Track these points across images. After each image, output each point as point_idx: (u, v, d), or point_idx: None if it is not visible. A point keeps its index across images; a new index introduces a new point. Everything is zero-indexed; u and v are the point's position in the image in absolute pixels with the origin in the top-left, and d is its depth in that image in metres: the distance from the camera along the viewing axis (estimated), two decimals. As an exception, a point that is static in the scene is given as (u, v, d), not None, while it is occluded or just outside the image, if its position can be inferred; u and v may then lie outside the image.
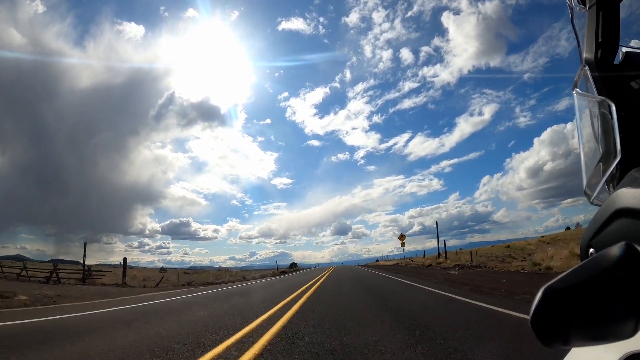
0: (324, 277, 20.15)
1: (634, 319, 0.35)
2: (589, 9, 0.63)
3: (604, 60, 0.62)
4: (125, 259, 22.49)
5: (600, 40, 0.62)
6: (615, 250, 0.36)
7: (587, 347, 0.47)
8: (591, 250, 0.51)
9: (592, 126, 0.64)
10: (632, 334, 0.35)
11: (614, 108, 0.56)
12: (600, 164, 0.60)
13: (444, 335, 3.99)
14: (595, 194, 0.61)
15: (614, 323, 0.35)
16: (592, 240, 0.51)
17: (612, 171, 0.56)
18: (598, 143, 0.61)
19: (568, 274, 0.38)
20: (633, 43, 0.63)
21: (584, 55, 0.64)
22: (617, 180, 0.55)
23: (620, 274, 0.35)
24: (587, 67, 0.63)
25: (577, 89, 0.66)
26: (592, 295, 0.36)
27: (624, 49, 0.62)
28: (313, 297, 9.14)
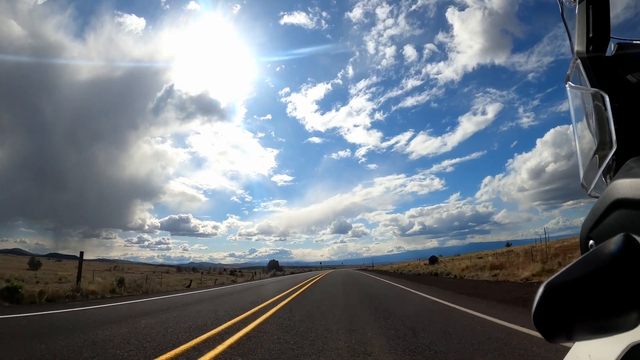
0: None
1: (636, 310, 0.34)
2: (579, 2, 0.63)
3: (596, 52, 0.62)
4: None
5: (591, 33, 0.62)
6: (615, 241, 0.36)
7: (591, 341, 0.47)
8: (591, 242, 0.51)
9: (586, 118, 0.64)
10: (635, 325, 0.35)
11: (607, 99, 0.56)
12: (596, 156, 0.60)
13: None
14: (592, 186, 0.61)
15: (616, 315, 0.35)
16: (591, 232, 0.50)
17: (608, 162, 0.56)
18: (593, 135, 0.61)
19: (569, 268, 0.38)
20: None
21: (576, 48, 0.64)
22: (613, 171, 0.55)
23: (621, 265, 0.35)
24: (579, 60, 0.63)
25: (570, 82, 0.66)
26: (593, 288, 0.36)
27: (615, 41, 0.62)
28: None
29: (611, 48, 0.63)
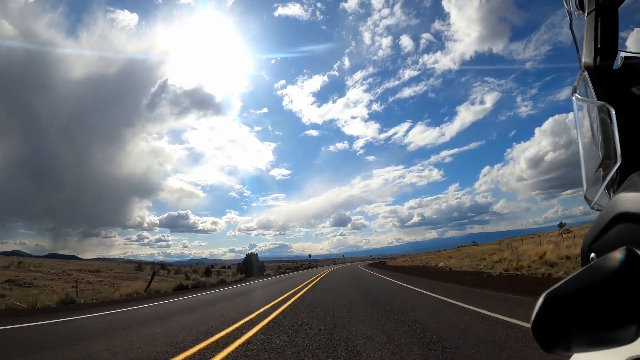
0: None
1: (635, 324, 0.35)
2: (587, 14, 0.63)
3: (603, 65, 0.62)
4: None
5: (599, 45, 0.62)
6: (616, 255, 0.37)
7: (589, 353, 0.47)
8: (592, 255, 0.51)
9: (591, 131, 0.64)
10: (633, 339, 0.36)
11: (613, 113, 0.56)
12: (601, 169, 0.60)
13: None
14: (595, 199, 0.62)
15: (615, 328, 0.36)
16: (593, 245, 0.51)
17: (612, 176, 0.56)
18: (598, 148, 0.61)
19: (569, 280, 0.38)
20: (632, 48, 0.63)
21: (583, 60, 0.64)
22: (617, 185, 0.55)
23: (621, 279, 0.36)
24: (586, 72, 0.63)
25: (577, 94, 0.66)
26: (593, 300, 0.36)
27: (623, 54, 0.62)
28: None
29: (618, 61, 0.62)
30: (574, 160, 0.68)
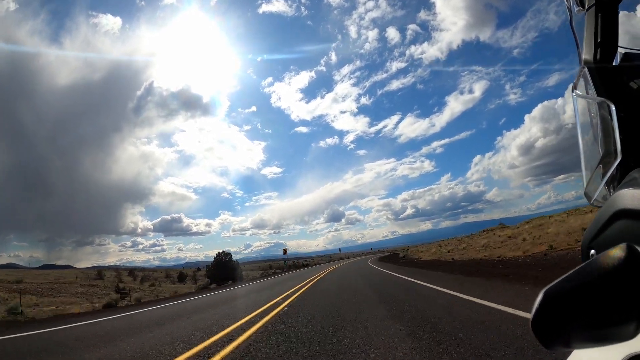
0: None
1: (635, 320, 0.35)
2: (587, 10, 0.63)
3: (603, 61, 0.62)
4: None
5: (599, 41, 0.62)
6: (616, 251, 0.37)
7: (589, 349, 0.48)
8: (592, 251, 0.51)
9: (592, 127, 0.64)
10: (633, 335, 0.36)
11: (613, 109, 0.56)
12: (601, 165, 0.60)
13: None
14: (595, 196, 0.62)
15: (615, 325, 0.36)
16: (593, 241, 0.51)
17: (612, 172, 0.56)
18: (598, 144, 0.61)
19: (569, 276, 0.38)
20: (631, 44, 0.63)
21: (583, 56, 0.64)
22: (617, 181, 0.56)
23: (621, 275, 0.36)
24: (586, 69, 0.63)
25: (577, 91, 0.66)
26: (593, 296, 0.36)
27: (623, 50, 0.62)
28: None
29: (618, 57, 0.62)
30: (565, 146, 0.69)
